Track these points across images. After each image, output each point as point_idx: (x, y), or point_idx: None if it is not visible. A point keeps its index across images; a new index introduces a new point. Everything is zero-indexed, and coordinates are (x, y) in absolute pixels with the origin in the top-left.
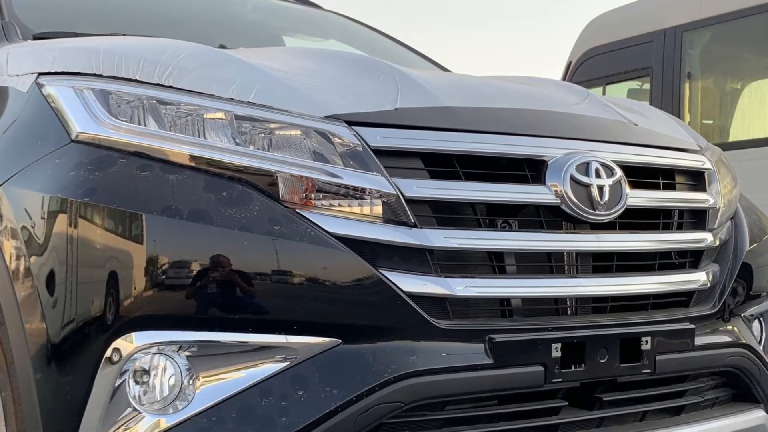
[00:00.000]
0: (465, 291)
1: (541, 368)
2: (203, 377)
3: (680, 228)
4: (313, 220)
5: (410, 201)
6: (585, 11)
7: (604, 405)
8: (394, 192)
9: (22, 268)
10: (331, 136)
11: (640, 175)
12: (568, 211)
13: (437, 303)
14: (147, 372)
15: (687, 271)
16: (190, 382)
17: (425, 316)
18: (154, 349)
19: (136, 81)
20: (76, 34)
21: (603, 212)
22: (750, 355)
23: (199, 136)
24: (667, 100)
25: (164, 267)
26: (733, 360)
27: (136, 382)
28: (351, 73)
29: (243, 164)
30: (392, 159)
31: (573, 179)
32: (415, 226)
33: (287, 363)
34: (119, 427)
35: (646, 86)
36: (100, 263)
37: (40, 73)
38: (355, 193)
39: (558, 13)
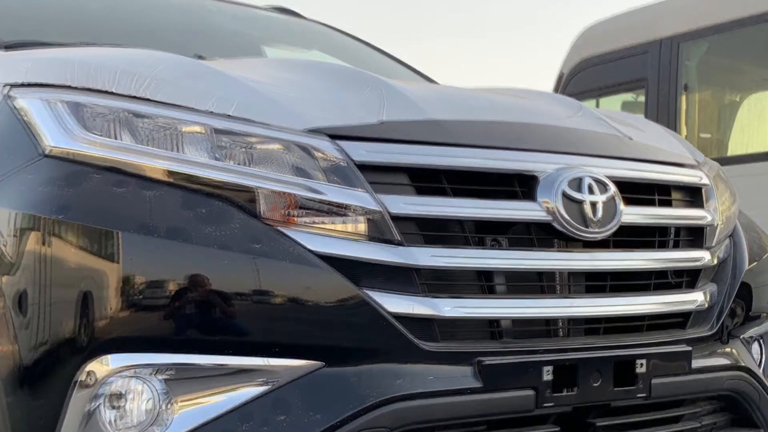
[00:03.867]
0: (453, 312)
1: (532, 392)
2: (181, 401)
3: (677, 246)
4: (294, 238)
5: (396, 218)
6: (577, 21)
7: (598, 431)
8: (379, 209)
9: None
10: (313, 151)
11: (635, 191)
12: (560, 228)
13: (424, 324)
14: (122, 396)
15: (684, 291)
16: (167, 406)
17: (411, 337)
18: (129, 372)
19: (110, 93)
20: (49, 45)
21: (596, 230)
22: (749, 379)
23: (176, 151)
24: (663, 113)
25: (140, 287)
26: (732, 384)
27: (111, 407)
28: (334, 85)
29: (222, 180)
30: (377, 174)
31: (565, 195)
32: (400, 244)
33: (268, 386)
34: None
35: (641, 98)
36: (74, 283)
37: (12, 85)
38: (339, 210)
39: (549, 22)
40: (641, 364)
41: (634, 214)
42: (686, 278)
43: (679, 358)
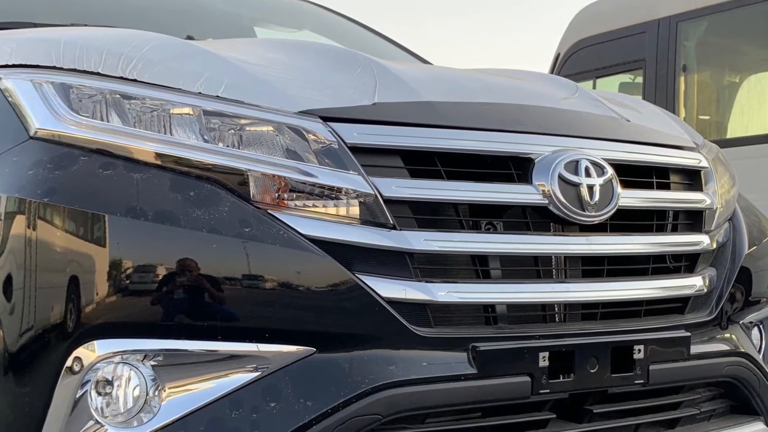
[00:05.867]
0: (447, 297)
1: (528, 378)
2: (169, 388)
3: (675, 230)
4: (285, 222)
5: (389, 201)
6: (574, 0)
7: (595, 417)
8: (372, 192)
9: None
10: (305, 133)
11: (633, 174)
12: (557, 212)
13: (417, 309)
14: (110, 382)
15: (682, 276)
16: (156, 393)
17: (405, 323)
18: (117, 359)
19: (98, 74)
20: (35, 25)
21: (593, 213)
22: (749, 365)
23: (165, 133)
24: (661, 94)
25: (128, 271)
26: (731, 370)
27: (99, 394)
28: (326, 66)
29: (212, 162)
30: (370, 157)
31: (561, 178)
32: (394, 227)
33: (258, 373)
34: None
35: (639, 80)
36: (61, 267)
37: None
38: (331, 193)
39: (546, 2)
40: (639, 350)
41: (631, 198)
42: (685, 263)
43: (677, 343)
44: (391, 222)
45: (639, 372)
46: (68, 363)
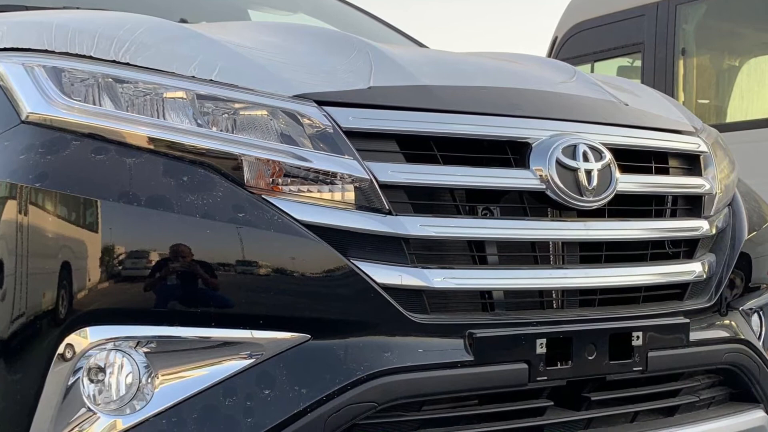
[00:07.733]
0: (443, 283)
1: (525, 366)
2: (163, 375)
3: (674, 215)
4: (280, 207)
5: (385, 186)
6: None
7: (593, 405)
8: (368, 177)
9: None
10: (299, 117)
11: (631, 159)
12: (554, 197)
13: (413, 296)
14: (102, 370)
15: (681, 262)
16: (149, 380)
17: (401, 309)
18: (109, 345)
19: (90, 57)
20: (27, 8)
21: (591, 198)
22: (749, 352)
23: (158, 117)
24: (660, 78)
25: (121, 257)
26: (731, 357)
27: (91, 381)
28: (321, 50)
29: (205, 147)
30: (365, 141)
31: (559, 163)
32: (389, 213)
33: (253, 360)
34: (72, 429)
35: (638, 63)
36: (53, 253)
37: None
38: (326, 178)
39: None
40: (637, 337)
41: (630, 183)
42: (684, 248)
43: (676, 330)
44: (387, 207)
45: (637, 359)
46: (60, 350)
